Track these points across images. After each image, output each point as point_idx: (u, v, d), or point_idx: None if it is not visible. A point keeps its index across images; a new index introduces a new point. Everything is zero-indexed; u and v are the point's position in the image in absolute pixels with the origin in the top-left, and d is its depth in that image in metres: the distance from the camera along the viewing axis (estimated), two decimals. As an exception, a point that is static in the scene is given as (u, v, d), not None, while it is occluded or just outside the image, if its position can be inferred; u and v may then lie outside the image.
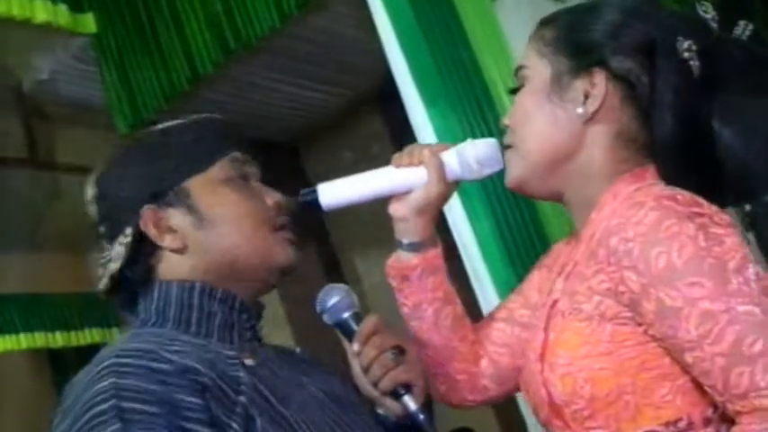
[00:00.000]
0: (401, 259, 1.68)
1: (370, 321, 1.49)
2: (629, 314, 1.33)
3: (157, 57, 4.75)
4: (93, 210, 1.54)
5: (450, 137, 3.11)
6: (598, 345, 1.32)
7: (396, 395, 1.46)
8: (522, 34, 4.09)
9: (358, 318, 1.50)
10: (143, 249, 1.47)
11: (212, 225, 1.48)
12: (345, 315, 1.50)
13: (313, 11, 4.51)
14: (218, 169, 1.52)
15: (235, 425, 1.26)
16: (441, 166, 1.57)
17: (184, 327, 1.43)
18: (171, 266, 1.48)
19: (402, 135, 3.41)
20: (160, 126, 1.60)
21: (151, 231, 1.45)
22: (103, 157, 1.55)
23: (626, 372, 1.32)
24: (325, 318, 1.52)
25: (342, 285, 1.55)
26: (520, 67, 1.56)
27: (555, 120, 1.46)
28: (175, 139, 1.54)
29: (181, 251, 1.47)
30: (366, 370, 1.48)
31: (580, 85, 1.44)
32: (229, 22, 4.48)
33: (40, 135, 5.39)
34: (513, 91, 1.58)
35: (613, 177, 1.45)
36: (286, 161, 6.96)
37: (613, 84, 1.43)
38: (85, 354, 7.24)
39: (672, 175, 1.41)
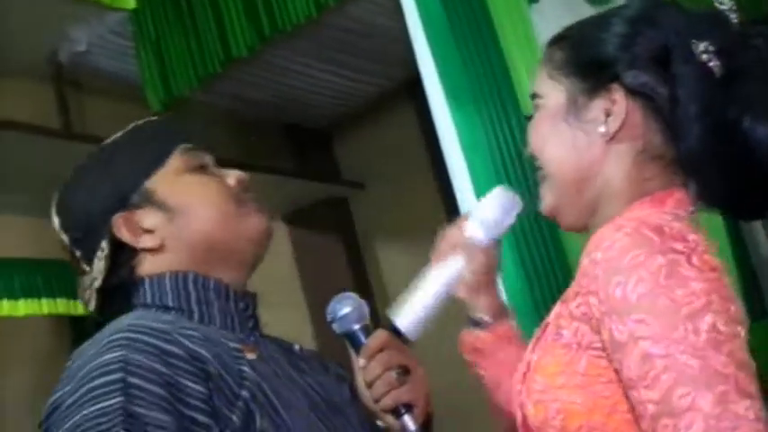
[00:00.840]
0: (472, 334, 1.65)
1: (378, 337, 1.50)
2: (599, 344, 1.28)
3: (193, 37, 4.76)
4: (63, 239, 1.54)
5: (470, 135, 3.13)
6: (574, 376, 1.28)
7: (396, 413, 1.46)
8: None
9: (367, 331, 1.50)
10: (122, 257, 1.48)
11: (183, 214, 1.49)
12: (355, 327, 1.50)
13: (349, 1, 4.53)
14: (174, 161, 1.53)
15: (235, 417, 1.28)
16: (470, 246, 1.57)
17: (187, 314, 1.43)
18: (154, 265, 1.48)
19: (431, 125, 3.41)
20: (106, 141, 1.60)
21: (126, 237, 1.47)
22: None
23: (599, 410, 1.27)
24: (335, 326, 1.52)
25: (354, 295, 1.55)
26: (533, 95, 1.50)
27: (574, 142, 1.40)
28: (126, 145, 1.56)
29: (160, 249, 1.49)
30: (369, 385, 1.48)
31: (599, 103, 1.37)
32: (266, 9, 4.50)
33: (74, 106, 5.40)
34: (529, 118, 1.54)
35: (633, 200, 1.37)
36: (318, 146, 7.04)
37: (633, 98, 1.34)
38: (104, 324, 7.41)
39: (710, 192, 1.34)
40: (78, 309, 7.00)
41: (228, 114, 6.32)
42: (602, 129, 1.35)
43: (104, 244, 1.47)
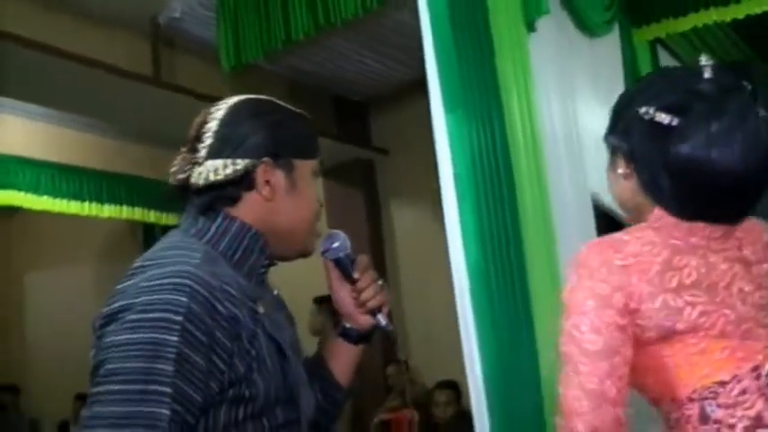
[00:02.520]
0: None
1: (364, 258, 1.63)
2: None
3: (264, 16, 4.76)
4: (211, 125, 1.48)
5: (458, 136, 3.16)
6: None
7: (374, 312, 1.61)
8: (550, 67, 4.03)
9: (349, 258, 1.61)
10: (240, 182, 1.44)
11: (297, 198, 1.50)
12: (341, 255, 1.61)
13: (389, 6, 4.56)
14: (314, 164, 1.55)
15: (242, 367, 1.32)
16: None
17: (229, 258, 1.42)
18: (247, 208, 1.46)
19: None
20: (276, 102, 1.57)
21: (260, 177, 1.44)
22: (232, 95, 1.55)
23: None
24: (328, 255, 1.61)
25: (340, 233, 1.62)
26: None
27: (612, 183, 1.65)
28: (290, 122, 1.53)
29: (265, 200, 1.46)
30: (360, 291, 1.60)
31: (615, 159, 1.58)
32: (323, 2, 4.51)
33: (165, 60, 5.44)
34: None
35: (640, 219, 1.55)
36: (355, 115, 7.12)
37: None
38: (169, 229, 7.57)
39: (677, 209, 1.45)
40: (150, 217, 7.28)
41: (285, 81, 6.34)
42: (620, 170, 1.57)
43: (241, 163, 1.43)
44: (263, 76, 6.00)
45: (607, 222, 4.73)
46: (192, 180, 1.43)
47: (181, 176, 1.45)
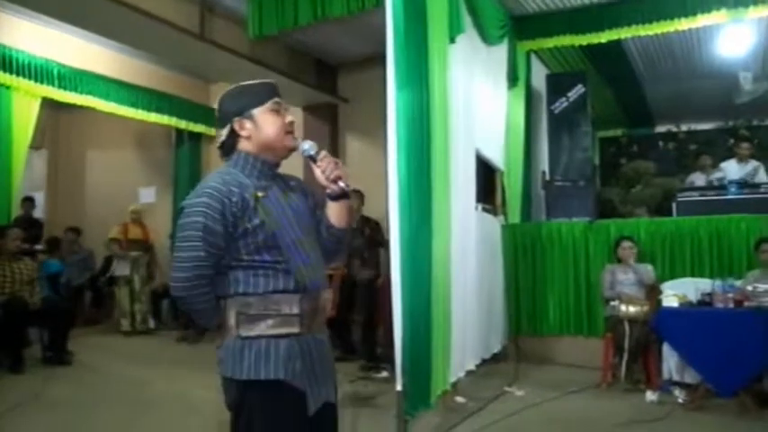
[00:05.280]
0: None
1: (323, 152, 1.69)
2: None
3: (280, 4, 4.82)
4: (216, 110, 1.71)
5: (402, 103, 3.31)
6: None
7: (336, 181, 1.68)
8: (460, 64, 4.25)
9: (317, 153, 1.68)
10: (233, 135, 1.66)
11: (263, 128, 1.65)
12: (312, 152, 1.69)
13: (369, 7, 4.55)
14: (269, 105, 1.67)
15: (249, 226, 1.55)
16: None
17: (244, 171, 1.63)
18: (243, 145, 1.67)
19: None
20: (241, 84, 1.71)
21: (236, 128, 1.65)
22: (253, 54, 1.77)
23: None
24: (303, 153, 1.69)
25: (309, 141, 1.70)
26: None
27: None
28: (251, 88, 1.69)
29: (248, 138, 1.66)
30: (325, 170, 1.67)
31: None
32: (321, 3, 4.63)
33: (208, 24, 5.46)
34: None
35: None
36: (328, 73, 7.14)
37: None
38: (194, 136, 7.71)
39: None
40: (181, 125, 7.40)
41: (288, 48, 6.40)
42: None
43: (228, 127, 1.66)
44: (275, 43, 6.07)
45: (484, 167, 5.25)
46: (217, 142, 1.72)
47: (216, 143, 1.74)
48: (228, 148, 1.68)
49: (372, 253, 5.58)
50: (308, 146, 1.69)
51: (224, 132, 1.67)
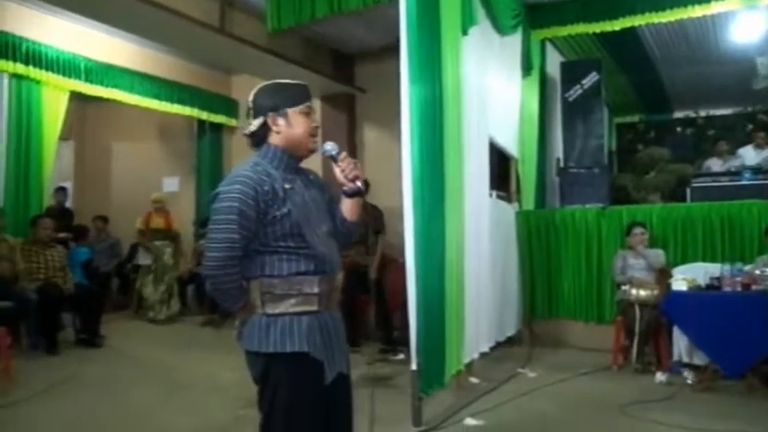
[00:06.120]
0: None
1: (344, 153, 1.82)
2: None
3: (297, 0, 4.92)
4: (251, 101, 1.80)
5: (416, 94, 3.40)
6: None
7: (353, 180, 1.81)
8: (473, 55, 4.31)
9: (338, 153, 1.81)
10: (265, 128, 1.78)
11: (293, 128, 1.77)
12: (334, 152, 1.81)
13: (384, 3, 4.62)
14: (301, 108, 1.79)
15: (278, 213, 1.66)
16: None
17: (272, 163, 1.74)
18: (273, 139, 1.78)
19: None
20: (278, 81, 1.82)
21: (269, 122, 1.77)
22: (271, 47, 1.85)
23: None
24: (324, 154, 1.82)
25: (331, 142, 1.82)
26: None
27: None
28: (283, 90, 1.79)
29: (278, 134, 1.77)
30: (344, 170, 1.81)
31: None
32: None
33: (228, 18, 5.55)
34: None
35: None
36: (346, 63, 7.18)
37: None
38: (215, 126, 7.91)
39: None
40: (202, 115, 7.58)
41: (305, 39, 6.46)
42: None
43: (261, 118, 1.78)
44: (292, 35, 6.13)
45: (498, 155, 5.36)
46: (247, 131, 1.81)
47: (245, 129, 1.83)
48: (258, 138, 1.79)
49: (374, 240, 5.63)
50: (329, 147, 1.81)
51: (256, 123, 1.78)
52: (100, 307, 5.70)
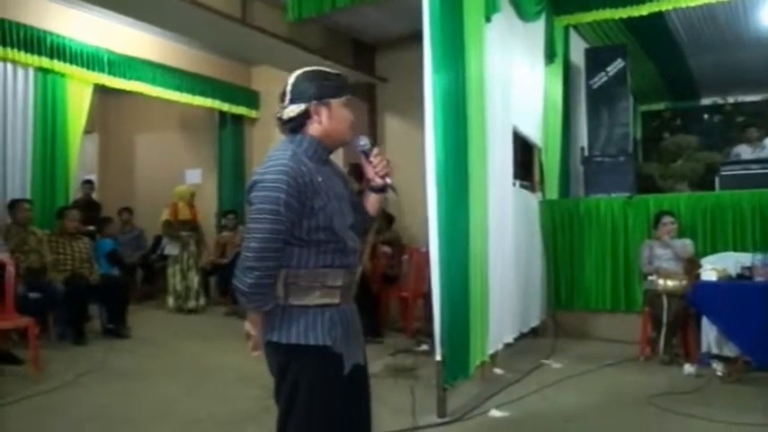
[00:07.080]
0: None
1: (376, 149, 1.82)
2: None
3: None
4: (289, 86, 1.73)
5: (439, 83, 3.38)
6: None
7: (384, 177, 1.82)
8: (496, 44, 4.28)
9: (370, 148, 1.80)
10: (304, 115, 1.72)
11: (334, 119, 1.73)
12: (367, 147, 1.80)
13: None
14: (343, 100, 1.76)
15: (315, 206, 1.63)
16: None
17: (306, 153, 1.69)
18: (311, 128, 1.73)
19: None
20: (321, 69, 1.78)
21: (312, 112, 1.71)
22: (292, 38, 1.81)
23: None
24: (358, 148, 1.81)
25: (364, 136, 1.82)
26: None
27: None
28: (327, 80, 1.75)
29: (319, 123, 1.72)
30: (375, 166, 1.80)
31: None
32: None
33: (249, 8, 5.58)
34: None
35: None
36: (367, 53, 7.24)
37: None
38: (237, 118, 7.95)
39: None
40: (224, 107, 7.61)
41: (325, 29, 6.48)
42: None
43: (303, 105, 1.71)
44: (313, 25, 6.15)
45: (522, 144, 5.30)
46: (284, 116, 1.74)
47: (279, 115, 1.76)
48: (294, 125, 1.73)
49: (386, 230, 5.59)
50: (363, 142, 1.80)
51: (295, 109, 1.71)
52: (126, 297, 5.77)
